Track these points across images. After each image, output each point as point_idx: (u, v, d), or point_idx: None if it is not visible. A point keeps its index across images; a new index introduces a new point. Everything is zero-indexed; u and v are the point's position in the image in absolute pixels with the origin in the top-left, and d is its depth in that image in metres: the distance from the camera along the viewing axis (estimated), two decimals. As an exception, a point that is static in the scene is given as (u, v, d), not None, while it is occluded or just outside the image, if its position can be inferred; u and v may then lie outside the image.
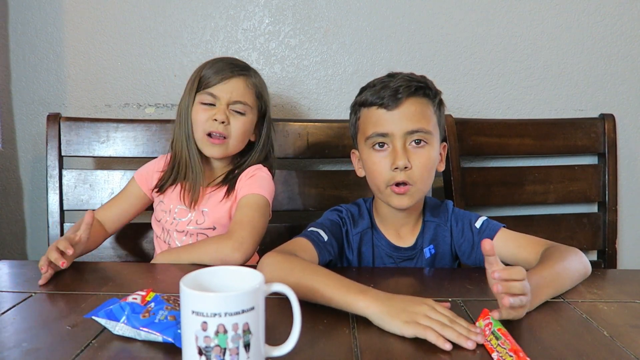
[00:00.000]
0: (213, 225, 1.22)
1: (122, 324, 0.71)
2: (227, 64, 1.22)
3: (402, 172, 0.98)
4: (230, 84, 1.20)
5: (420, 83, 1.02)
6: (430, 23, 1.60)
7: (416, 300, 0.77)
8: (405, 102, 0.99)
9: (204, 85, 1.20)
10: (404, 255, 1.09)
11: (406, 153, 0.98)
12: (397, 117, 0.99)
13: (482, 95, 1.65)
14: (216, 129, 1.19)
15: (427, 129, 1.00)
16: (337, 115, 1.63)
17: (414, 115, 0.99)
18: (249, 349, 0.60)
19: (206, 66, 1.23)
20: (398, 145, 0.99)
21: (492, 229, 1.07)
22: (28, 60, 1.59)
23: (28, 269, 1.05)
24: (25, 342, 0.71)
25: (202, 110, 1.20)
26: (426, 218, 1.11)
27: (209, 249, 1.08)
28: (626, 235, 1.72)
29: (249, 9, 1.59)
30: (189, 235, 1.22)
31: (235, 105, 1.21)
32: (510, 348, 0.68)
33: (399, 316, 0.74)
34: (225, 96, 1.20)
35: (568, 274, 0.94)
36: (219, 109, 1.19)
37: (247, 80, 1.23)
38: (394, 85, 1.00)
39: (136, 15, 1.57)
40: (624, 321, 0.82)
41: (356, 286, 0.80)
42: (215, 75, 1.20)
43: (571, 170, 1.62)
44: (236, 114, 1.21)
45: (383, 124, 1.00)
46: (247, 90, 1.22)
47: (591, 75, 1.66)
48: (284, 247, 0.96)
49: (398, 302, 0.76)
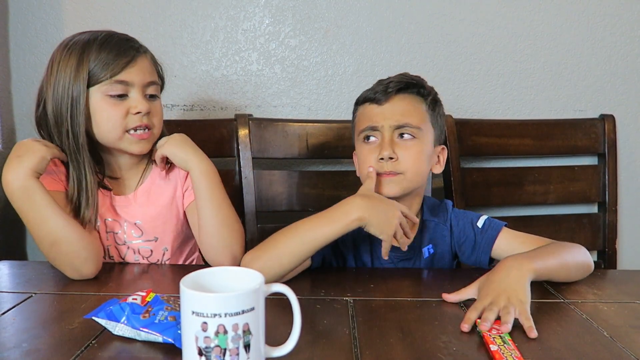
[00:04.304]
0: (154, 236, 1.09)
1: (122, 325, 0.71)
2: (123, 41, 1.01)
3: (388, 163, 1.00)
4: (139, 65, 1.00)
5: (412, 80, 1.05)
6: (430, 23, 1.60)
7: (393, 207, 0.94)
8: (394, 97, 1.03)
9: (104, 73, 0.97)
10: (402, 254, 1.09)
11: (393, 145, 1.01)
12: (386, 111, 1.02)
13: (482, 96, 1.65)
14: (140, 122, 1.00)
15: (415, 124, 1.02)
16: (337, 115, 1.63)
17: (403, 110, 1.02)
18: (249, 349, 0.60)
19: (89, 50, 0.98)
20: (386, 137, 1.01)
21: (494, 228, 1.07)
22: (28, 61, 1.59)
23: (28, 269, 1.05)
24: (25, 342, 0.71)
25: (113, 105, 0.98)
26: (425, 217, 1.11)
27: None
28: (626, 236, 1.72)
29: (249, 10, 1.59)
30: (130, 250, 1.09)
31: (149, 88, 1.02)
32: (517, 356, 0.68)
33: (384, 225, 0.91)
34: (138, 80, 0.99)
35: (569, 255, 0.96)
36: (135, 98, 0.99)
37: (149, 55, 1.06)
38: (386, 82, 1.05)
39: (136, 16, 1.57)
40: (624, 322, 0.82)
41: (335, 209, 0.92)
42: (117, 58, 0.98)
43: (571, 170, 1.62)
44: (151, 98, 1.03)
45: (373, 117, 1.03)
46: (153, 67, 1.05)
47: (591, 76, 1.66)
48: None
49: (380, 210, 0.92)
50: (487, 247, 1.06)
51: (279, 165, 1.58)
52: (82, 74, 0.97)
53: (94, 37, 1.00)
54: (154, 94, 1.04)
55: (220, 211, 1.02)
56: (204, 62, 1.60)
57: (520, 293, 0.81)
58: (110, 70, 0.97)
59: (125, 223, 1.09)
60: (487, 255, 1.06)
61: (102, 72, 0.97)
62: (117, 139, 1.01)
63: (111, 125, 0.99)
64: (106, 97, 0.98)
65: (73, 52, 0.98)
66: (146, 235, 1.10)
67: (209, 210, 1.02)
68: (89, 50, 0.98)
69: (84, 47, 0.98)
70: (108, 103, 0.99)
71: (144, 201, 1.09)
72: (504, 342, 0.71)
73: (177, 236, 1.13)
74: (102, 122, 0.99)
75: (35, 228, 0.94)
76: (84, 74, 0.97)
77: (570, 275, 0.97)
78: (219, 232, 1.02)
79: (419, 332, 0.76)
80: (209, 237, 1.03)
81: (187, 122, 1.54)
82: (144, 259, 1.11)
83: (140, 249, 1.10)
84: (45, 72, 1.02)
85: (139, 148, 1.03)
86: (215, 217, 1.02)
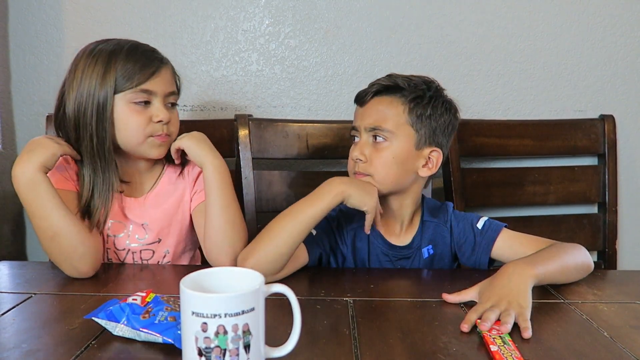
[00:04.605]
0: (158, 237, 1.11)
1: (122, 325, 0.71)
2: (148, 52, 1.06)
3: (358, 163, 1.03)
4: (162, 76, 1.05)
5: (393, 83, 1.04)
6: (430, 24, 1.60)
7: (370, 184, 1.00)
8: (372, 100, 1.05)
9: (130, 82, 1.01)
10: (400, 254, 1.09)
11: (364, 147, 1.03)
12: (364, 113, 1.06)
13: (482, 96, 1.65)
14: (161, 131, 1.05)
15: (388, 128, 1.02)
16: (336, 116, 1.63)
17: (376, 113, 1.04)
18: (249, 349, 0.60)
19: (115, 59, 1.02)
20: (362, 138, 1.04)
21: (494, 229, 1.07)
22: (28, 61, 1.59)
23: (28, 269, 1.05)
24: (25, 343, 0.71)
25: (137, 113, 1.03)
26: (425, 218, 1.11)
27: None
28: (626, 236, 1.72)
29: (249, 10, 1.59)
30: (130, 253, 1.11)
31: (169, 97, 1.07)
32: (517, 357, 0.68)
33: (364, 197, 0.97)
34: (161, 90, 1.04)
35: (570, 258, 0.96)
36: (158, 107, 1.04)
37: (170, 66, 1.10)
38: (372, 83, 1.07)
39: (136, 16, 1.57)
40: (624, 322, 0.82)
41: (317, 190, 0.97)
42: (143, 68, 1.03)
43: (571, 171, 1.62)
44: (170, 106, 1.08)
45: (356, 118, 1.08)
46: (173, 78, 1.10)
47: (591, 76, 1.66)
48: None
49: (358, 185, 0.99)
50: (486, 248, 1.06)
51: (278, 166, 1.58)
52: (109, 81, 1.01)
53: (119, 46, 1.04)
54: (174, 102, 1.09)
55: (228, 210, 1.04)
56: (204, 62, 1.60)
57: (521, 299, 0.81)
58: (137, 79, 1.01)
59: (132, 225, 1.10)
60: (486, 256, 1.07)
61: (128, 81, 1.01)
62: (138, 144, 1.05)
63: (135, 131, 1.03)
64: (131, 104, 1.02)
65: (99, 59, 1.02)
66: (150, 236, 1.11)
67: (217, 208, 1.03)
68: (116, 58, 1.02)
69: (110, 55, 1.02)
70: (132, 110, 1.03)
71: (154, 203, 1.12)
72: (504, 343, 0.71)
73: (180, 241, 1.15)
74: (126, 128, 1.03)
75: (38, 221, 0.96)
76: (110, 82, 1.01)
77: (570, 277, 0.97)
78: (224, 230, 1.03)
79: (419, 333, 0.76)
80: (214, 234, 1.04)
81: (187, 122, 1.54)
82: (142, 262, 1.12)
83: (142, 252, 1.11)
84: (67, 76, 1.05)
85: (157, 152, 1.07)
86: (223, 215, 1.03)
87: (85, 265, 0.97)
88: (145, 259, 1.12)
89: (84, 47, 1.06)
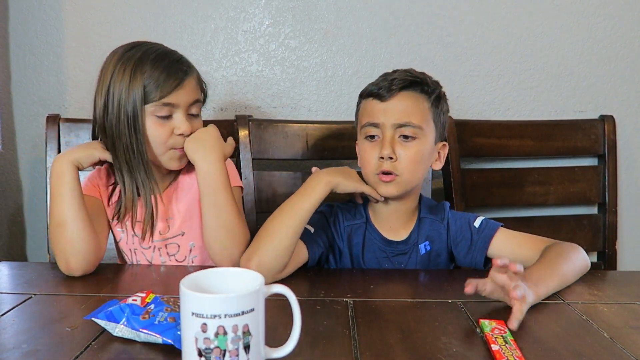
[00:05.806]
0: (181, 230, 1.13)
1: (122, 326, 0.71)
2: (174, 62, 1.05)
3: (387, 162, 1.01)
4: (185, 88, 1.04)
5: (417, 78, 1.04)
6: (430, 24, 1.60)
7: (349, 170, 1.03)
8: (397, 95, 1.02)
9: (153, 94, 1.01)
10: (397, 249, 1.09)
11: (393, 144, 1.01)
12: (388, 109, 1.02)
13: (482, 97, 1.65)
14: (182, 144, 1.05)
15: (417, 123, 1.01)
16: (336, 116, 1.63)
17: (405, 108, 1.02)
18: (248, 350, 0.60)
19: (142, 68, 1.01)
20: (387, 135, 1.01)
21: (491, 228, 1.07)
22: (28, 62, 1.59)
23: (28, 270, 1.05)
24: (24, 343, 0.71)
25: (159, 125, 1.03)
26: (422, 215, 1.11)
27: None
28: (626, 237, 1.72)
29: (249, 11, 1.59)
30: (157, 250, 1.13)
31: (192, 107, 1.06)
32: (518, 356, 0.68)
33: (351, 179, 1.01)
34: (184, 101, 1.04)
35: (569, 268, 0.96)
36: (179, 119, 1.04)
37: (195, 74, 1.09)
38: (390, 78, 1.04)
39: (136, 17, 1.57)
40: (624, 322, 0.82)
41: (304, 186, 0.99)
42: (167, 79, 1.02)
43: (571, 171, 1.62)
44: (193, 117, 1.07)
45: (376, 114, 1.03)
46: (198, 86, 1.09)
47: (591, 77, 1.66)
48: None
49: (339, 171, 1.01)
50: (483, 247, 1.06)
51: (278, 166, 1.58)
52: (136, 92, 1.00)
53: (146, 54, 1.03)
54: (196, 113, 1.08)
55: (221, 214, 1.02)
56: (204, 63, 1.60)
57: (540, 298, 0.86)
58: (160, 91, 1.01)
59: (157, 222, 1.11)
60: (482, 255, 1.07)
61: (152, 93, 1.01)
62: (159, 155, 1.06)
63: (157, 144, 1.04)
64: (153, 117, 1.03)
65: (127, 68, 1.02)
66: (172, 230, 1.13)
67: (209, 212, 1.03)
68: (142, 67, 1.01)
69: (136, 64, 1.02)
70: (155, 123, 1.03)
71: (175, 197, 1.14)
72: (506, 342, 0.71)
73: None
74: (149, 140, 1.04)
75: (52, 205, 1.00)
76: (138, 94, 1.00)
77: (569, 283, 0.97)
78: (216, 235, 1.03)
79: (419, 333, 0.76)
80: (207, 238, 1.04)
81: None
82: (169, 258, 1.13)
83: (168, 247, 1.13)
84: (98, 80, 1.05)
85: (178, 164, 1.09)
86: (215, 220, 1.03)
87: (76, 263, 0.98)
88: (172, 253, 1.13)
89: (114, 51, 1.06)
